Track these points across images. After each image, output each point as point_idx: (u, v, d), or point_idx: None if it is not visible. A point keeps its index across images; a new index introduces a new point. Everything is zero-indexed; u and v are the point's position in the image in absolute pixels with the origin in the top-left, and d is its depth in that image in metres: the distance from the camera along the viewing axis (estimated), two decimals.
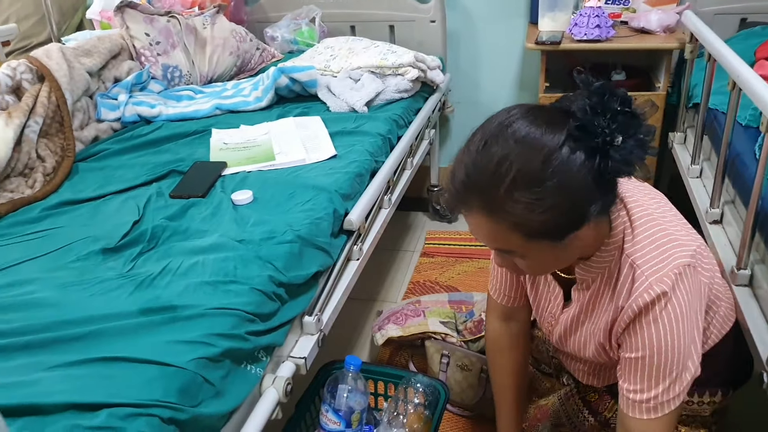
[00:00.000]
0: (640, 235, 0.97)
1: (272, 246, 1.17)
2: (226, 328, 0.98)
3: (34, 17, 2.64)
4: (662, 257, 0.94)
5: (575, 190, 0.84)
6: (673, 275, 0.93)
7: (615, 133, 0.83)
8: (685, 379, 0.97)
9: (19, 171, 1.54)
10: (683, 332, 0.94)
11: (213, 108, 1.95)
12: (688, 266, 0.94)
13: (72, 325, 0.98)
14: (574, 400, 1.34)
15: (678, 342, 0.94)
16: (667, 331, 0.94)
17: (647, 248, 0.96)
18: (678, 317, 0.93)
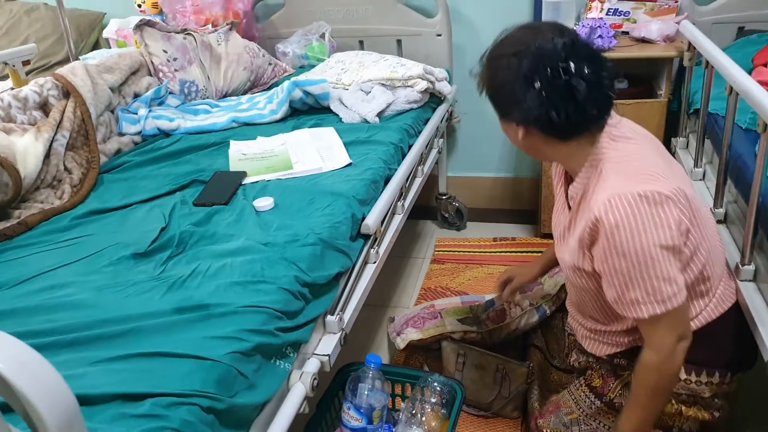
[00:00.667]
0: (622, 163, 1.12)
1: (296, 248, 1.23)
2: (257, 324, 1.03)
3: (53, 37, 2.73)
4: (632, 179, 1.08)
5: (511, 86, 1.09)
6: (626, 194, 1.06)
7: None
8: (664, 289, 1.08)
9: (48, 183, 1.60)
10: (646, 236, 1.05)
11: (229, 121, 2.01)
12: (656, 192, 1.05)
13: (111, 323, 1.03)
14: (582, 389, 1.40)
15: (637, 245, 1.06)
16: (622, 240, 1.06)
17: (622, 173, 1.10)
18: (630, 223, 1.05)
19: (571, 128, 1.11)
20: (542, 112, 1.07)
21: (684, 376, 1.24)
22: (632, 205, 1.06)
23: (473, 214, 2.74)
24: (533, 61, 1.06)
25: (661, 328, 1.13)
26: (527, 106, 1.08)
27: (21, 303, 1.13)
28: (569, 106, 1.06)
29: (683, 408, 1.27)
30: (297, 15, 2.62)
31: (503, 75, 1.11)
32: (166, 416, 0.84)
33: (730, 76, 1.36)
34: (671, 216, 1.06)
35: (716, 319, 1.21)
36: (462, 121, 2.69)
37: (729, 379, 1.26)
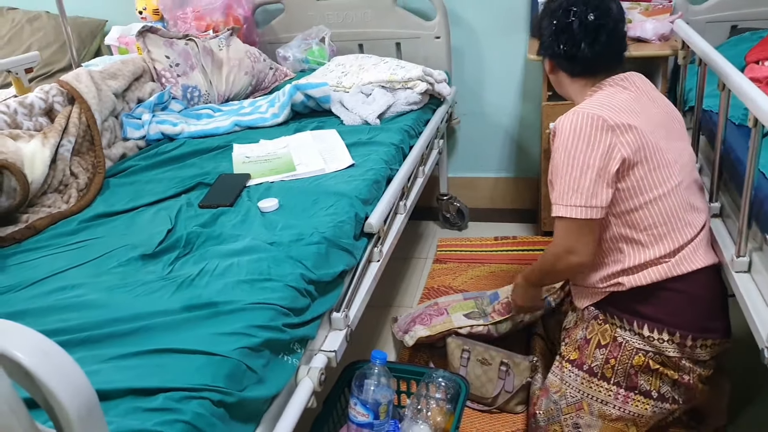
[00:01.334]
0: (598, 97, 1.37)
1: (301, 247, 1.26)
2: (265, 320, 1.05)
3: (55, 45, 2.76)
4: (592, 105, 1.32)
5: (541, 22, 1.44)
6: (575, 112, 1.32)
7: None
8: (572, 197, 1.30)
9: (54, 187, 1.63)
10: (575, 147, 1.29)
11: (232, 125, 2.04)
12: (595, 116, 1.29)
13: (122, 322, 1.05)
14: (563, 365, 1.50)
15: (568, 150, 1.30)
16: (561, 141, 1.32)
17: (592, 101, 1.36)
18: (571, 131, 1.30)
19: (576, 65, 1.41)
20: (553, 46, 1.41)
21: (647, 333, 1.37)
22: (578, 119, 1.30)
23: (474, 214, 2.77)
24: (558, 3, 1.39)
25: (560, 231, 1.37)
26: (545, 39, 1.43)
27: (33, 304, 1.16)
28: (571, 43, 1.37)
29: (651, 362, 1.38)
30: (296, 20, 2.65)
31: (542, 14, 1.45)
32: (179, 410, 0.86)
33: (722, 73, 1.39)
34: (604, 141, 1.28)
35: (673, 279, 1.34)
36: (462, 122, 2.72)
37: (691, 342, 1.35)
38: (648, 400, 1.40)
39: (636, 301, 1.38)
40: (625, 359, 1.40)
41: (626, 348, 1.39)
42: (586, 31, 1.35)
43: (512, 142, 2.75)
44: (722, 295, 1.40)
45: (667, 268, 1.34)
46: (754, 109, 1.17)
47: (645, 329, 1.37)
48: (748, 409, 1.60)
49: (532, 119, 2.66)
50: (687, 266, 1.34)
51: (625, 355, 1.40)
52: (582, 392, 1.45)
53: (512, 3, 2.50)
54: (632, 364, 1.39)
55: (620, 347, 1.40)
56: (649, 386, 1.40)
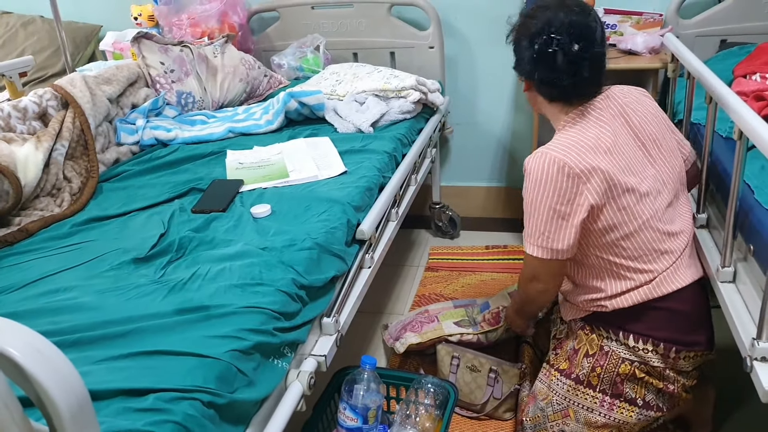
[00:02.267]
0: (569, 133, 1.35)
1: (293, 252, 1.27)
2: (256, 324, 1.06)
3: (49, 49, 2.77)
4: (562, 146, 1.31)
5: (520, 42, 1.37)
6: (542, 153, 1.31)
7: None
8: (537, 238, 1.35)
9: (47, 191, 1.63)
10: (541, 192, 1.31)
11: (226, 131, 2.05)
12: (562, 162, 1.28)
13: (114, 324, 1.06)
14: (552, 373, 1.51)
15: (534, 194, 1.33)
16: (529, 183, 1.34)
17: (562, 139, 1.34)
18: (537, 177, 1.32)
19: (554, 91, 1.37)
20: (532, 72, 1.36)
21: (632, 344, 1.40)
22: (546, 163, 1.30)
23: (466, 223, 2.78)
24: (539, 27, 1.31)
25: (528, 264, 1.43)
26: (523, 61, 1.37)
27: (24, 306, 1.16)
28: (552, 74, 1.32)
29: (636, 371, 1.40)
30: (292, 28, 2.67)
31: (519, 31, 1.38)
32: (169, 410, 0.87)
33: (709, 87, 1.41)
34: (570, 188, 1.29)
35: (654, 300, 1.37)
36: (455, 131, 2.74)
37: (674, 354, 1.37)
38: (633, 407, 1.42)
39: (620, 318, 1.40)
40: (612, 368, 1.42)
41: (612, 357, 1.41)
42: (569, 63, 1.30)
43: (504, 152, 2.78)
44: (705, 308, 1.42)
45: (648, 290, 1.37)
46: (739, 122, 1.19)
47: (630, 339, 1.39)
48: (733, 417, 1.62)
49: (524, 129, 2.69)
50: (668, 287, 1.37)
51: (611, 363, 1.42)
52: (568, 399, 1.46)
53: (505, 14, 2.49)
54: (618, 373, 1.41)
55: (607, 356, 1.42)
56: (635, 394, 1.41)
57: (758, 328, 1.11)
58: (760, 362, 1.10)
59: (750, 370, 1.11)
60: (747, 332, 1.18)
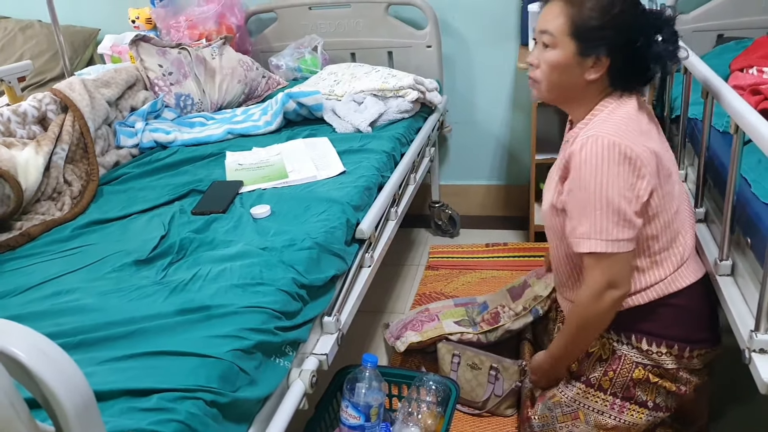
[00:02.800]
0: (614, 116, 1.28)
1: (293, 252, 1.28)
2: (257, 323, 1.07)
3: (48, 53, 2.78)
4: (614, 130, 1.23)
5: (615, 27, 1.24)
6: (602, 137, 1.22)
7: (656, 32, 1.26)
8: (611, 231, 1.23)
9: (48, 195, 1.64)
10: (607, 179, 1.21)
11: (225, 133, 2.06)
12: (622, 144, 1.21)
13: (116, 325, 1.07)
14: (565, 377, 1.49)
15: (598, 183, 1.21)
16: (589, 171, 1.22)
17: (610, 122, 1.26)
18: (597, 162, 1.21)
19: (618, 80, 1.30)
20: (617, 53, 1.26)
21: (645, 347, 1.38)
22: (605, 147, 1.21)
23: (466, 221, 2.79)
24: (642, 18, 1.27)
25: (598, 268, 1.28)
26: (612, 38, 1.25)
27: (27, 309, 1.17)
28: (637, 66, 1.28)
29: (650, 376, 1.38)
30: (289, 29, 2.68)
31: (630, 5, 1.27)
32: (173, 409, 0.88)
33: (704, 81, 1.42)
34: (631, 172, 1.22)
35: (668, 296, 1.34)
36: (453, 130, 2.75)
37: (688, 354, 1.36)
38: (643, 409, 1.41)
39: (632, 318, 1.38)
40: (625, 372, 1.40)
41: (626, 362, 1.40)
42: (656, 60, 1.28)
43: (503, 150, 2.78)
44: (714, 304, 1.41)
45: (663, 286, 1.35)
46: (735, 117, 1.20)
47: (644, 343, 1.38)
48: (730, 407, 1.63)
49: (522, 127, 2.70)
50: (682, 282, 1.36)
51: (624, 368, 1.40)
52: (578, 402, 1.45)
53: (502, 13, 2.54)
54: (632, 378, 1.40)
55: (620, 361, 1.41)
56: (646, 397, 1.41)
57: (756, 320, 1.12)
58: (759, 354, 1.11)
59: (749, 361, 1.12)
60: (745, 324, 1.18)
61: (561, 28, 1.27)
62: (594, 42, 1.25)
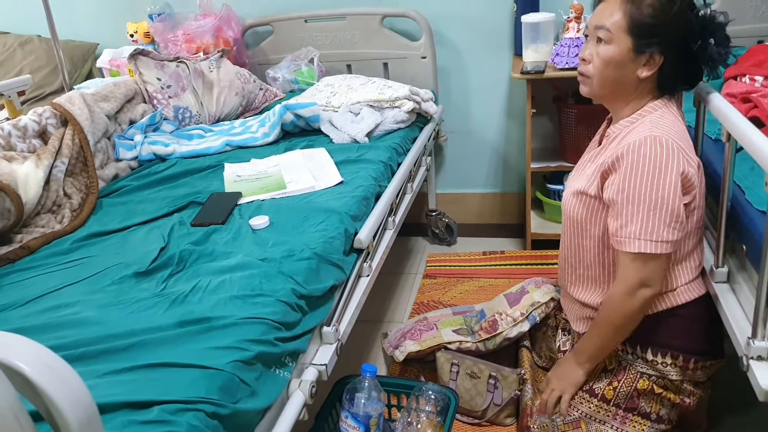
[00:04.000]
0: (665, 121, 1.30)
1: (292, 263, 1.29)
2: (257, 334, 1.08)
3: (47, 68, 2.80)
4: (667, 132, 1.26)
5: (672, 25, 1.27)
6: (660, 137, 1.24)
7: (710, 35, 1.29)
8: (663, 230, 1.25)
9: (48, 208, 1.65)
10: (655, 174, 1.23)
11: (223, 144, 2.08)
12: (677, 145, 1.24)
13: (117, 338, 1.08)
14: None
15: (656, 183, 1.23)
16: (640, 168, 1.23)
17: (662, 125, 1.29)
18: (657, 163, 1.23)
19: (671, 83, 1.34)
20: (677, 55, 1.30)
21: (650, 357, 1.38)
22: (657, 146, 1.23)
23: (463, 230, 2.81)
24: (704, 22, 1.30)
25: (634, 267, 1.29)
26: (676, 35, 1.28)
27: (28, 322, 1.18)
28: (695, 68, 1.33)
29: (654, 387, 1.39)
30: (286, 41, 2.70)
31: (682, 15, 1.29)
32: (174, 421, 0.89)
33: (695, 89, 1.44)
34: (682, 170, 1.24)
35: (678, 306, 1.36)
36: (449, 139, 2.77)
37: (693, 365, 1.37)
38: (645, 421, 1.42)
39: (639, 327, 1.39)
40: (630, 383, 1.41)
41: (630, 372, 1.41)
42: (709, 62, 1.32)
43: (498, 158, 2.80)
44: (717, 314, 1.40)
45: (672, 296, 1.37)
46: (727, 125, 1.22)
47: (649, 353, 1.39)
48: (728, 415, 1.64)
49: (517, 135, 2.72)
50: (692, 294, 1.38)
51: (629, 379, 1.42)
52: (581, 412, 1.46)
53: (496, 23, 2.56)
54: (636, 388, 1.41)
55: (624, 371, 1.42)
56: (649, 408, 1.42)
57: (753, 327, 1.13)
58: (757, 361, 1.12)
59: (746, 369, 1.13)
60: (742, 332, 1.19)
61: (618, 24, 1.29)
62: (650, 39, 1.28)
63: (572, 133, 2.38)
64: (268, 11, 2.73)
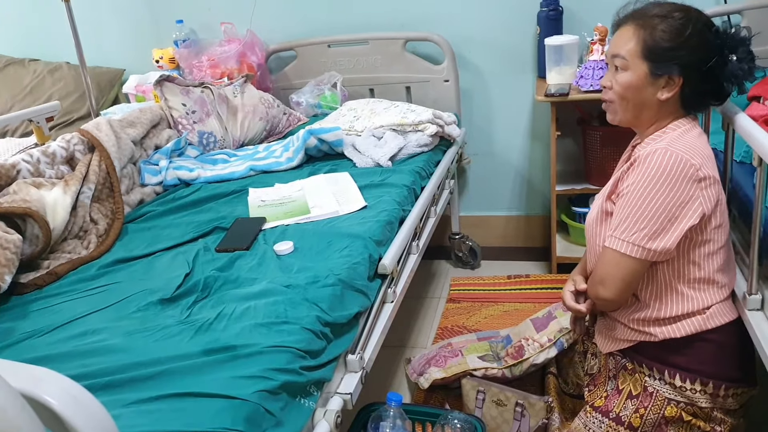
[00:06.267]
0: (685, 137, 1.30)
1: (317, 289, 1.28)
2: (282, 363, 1.07)
3: (75, 94, 2.85)
4: (685, 148, 1.25)
5: (687, 47, 1.27)
6: (675, 153, 1.23)
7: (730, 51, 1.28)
8: (646, 238, 1.25)
9: (75, 233, 1.67)
10: (659, 188, 1.23)
11: (248, 169, 2.09)
12: (689, 162, 1.23)
13: (143, 366, 1.07)
14: (588, 411, 1.46)
15: (645, 190, 1.24)
16: (644, 175, 1.24)
17: (681, 141, 1.28)
18: (661, 172, 1.23)
19: (692, 101, 1.33)
20: (696, 75, 1.29)
21: (679, 383, 1.34)
22: (672, 160, 1.23)
23: (486, 253, 2.78)
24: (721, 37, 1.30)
25: (604, 263, 1.33)
26: (689, 57, 1.28)
27: (55, 349, 1.18)
28: (717, 85, 1.32)
29: (683, 414, 1.34)
30: (309, 66, 2.73)
31: (702, 24, 1.30)
32: None
33: (726, 114, 1.42)
34: (688, 191, 1.23)
35: (708, 330, 1.32)
36: (472, 162, 2.76)
37: (723, 392, 1.33)
38: None
39: (666, 350, 1.36)
40: (657, 410, 1.37)
41: (657, 398, 1.37)
42: (731, 79, 1.31)
43: (522, 181, 2.78)
44: (750, 340, 1.36)
45: (702, 320, 1.33)
46: (760, 150, 1.19)
47: (677, 379, 1.35)
48: None
49: (541, 157, 2.70)
50: (722, 318, 1.34)
51: (656, 405, 1.37)
52: None
53: (519, 45, 2.56)
54: (664, 416, 1.36)
55: (651, 397, 1.38)
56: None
57: None
58: None
59: None
60: None
61: (632, 51, 1.30)
62: (665, 62, 1.28)
63: (597, 155, 2.35)
64: (292, 36, 2.76)
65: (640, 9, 1.34)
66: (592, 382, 1.55)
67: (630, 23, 1.32)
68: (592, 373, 1.57)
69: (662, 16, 1.29)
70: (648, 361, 1.39)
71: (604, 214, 1.39)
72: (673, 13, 1.29)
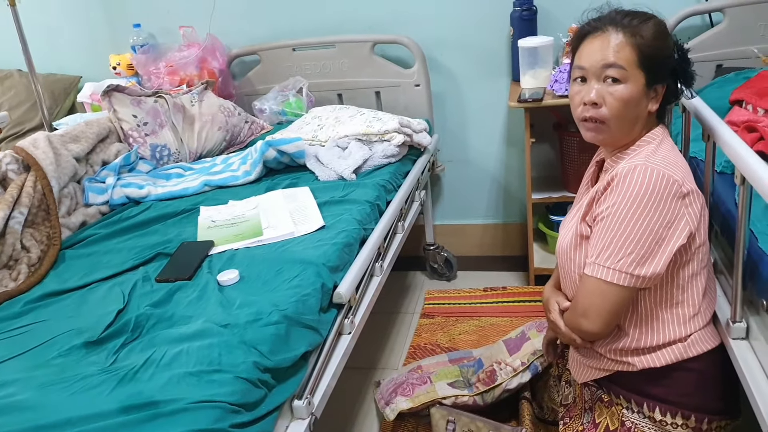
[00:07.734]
0: (661, 150, 1.20)
1: (257, 329, 1.15)
2: (209, 422, 0.94)
3: (27, 103, 2.70)
4: (664, 163, 1.15)
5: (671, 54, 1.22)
6: (657, 169, 1.13)
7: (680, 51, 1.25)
8: (634, 264, 1.14)
9: (3, 263, 1.53)
10: (644, 209, 1.12)
11: (202, 185, 1.96)
12: (671, 179, 1.13)
13: (51, 429, 0.95)
14: None
15: (629, 212, 1.13)
16: (626, 196, 1.13)
17: (658, 155, 1.18)
18: (644, 191, 1.12)
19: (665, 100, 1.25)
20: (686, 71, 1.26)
21: (659, 417, 1.25)
22: (652, 177, 1.13)
23: (463, 263, 2.67)
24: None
25: (586, 293, 1.21)
26: (680, 67, 1.25)
27: None
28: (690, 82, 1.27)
29: None
30: (273, 71, 2.60)
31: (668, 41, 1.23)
32: None
33: (707, 126, 1.31)
34: (674, 209, 1.13)
35: (690, 359, 1.22)
36: (446, 169, 2.64)
37: (706, 426, 1.24)
38: None
39: (645, 381, 1.25)
40: None
41: None
42: (692, 81, 1.29)
43: (499, 188, 2.67)
44: (734, 372, 1.26)
45: (683, 348, 1.22)
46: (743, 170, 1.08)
47: (657, 412, 1.25)
48: None
49: (517, 164, 2.58)
50: (704, 345, 1.23)
51: None
52: None
53: (492, 48, 2.44)
54: None
55: None
56: None
57: None
58: None
59: None
60: (764, 396, 1.05)
61: (630, 60, 1.17)
62: (661, 71, 1.21)
63: (575, 161, 2.24)
64: (255, 40, 2.63)
65: (612, 15, 1.23)
66: (567, 414, 1.44)
67: (611, 30, 1.19)
68: (567, 404, 1.47)
69: (643, 20, 1.20)
70: (626, 392, 1.29)
71: (580, 237, 1.27)
72: (648, 18, 1.21)
